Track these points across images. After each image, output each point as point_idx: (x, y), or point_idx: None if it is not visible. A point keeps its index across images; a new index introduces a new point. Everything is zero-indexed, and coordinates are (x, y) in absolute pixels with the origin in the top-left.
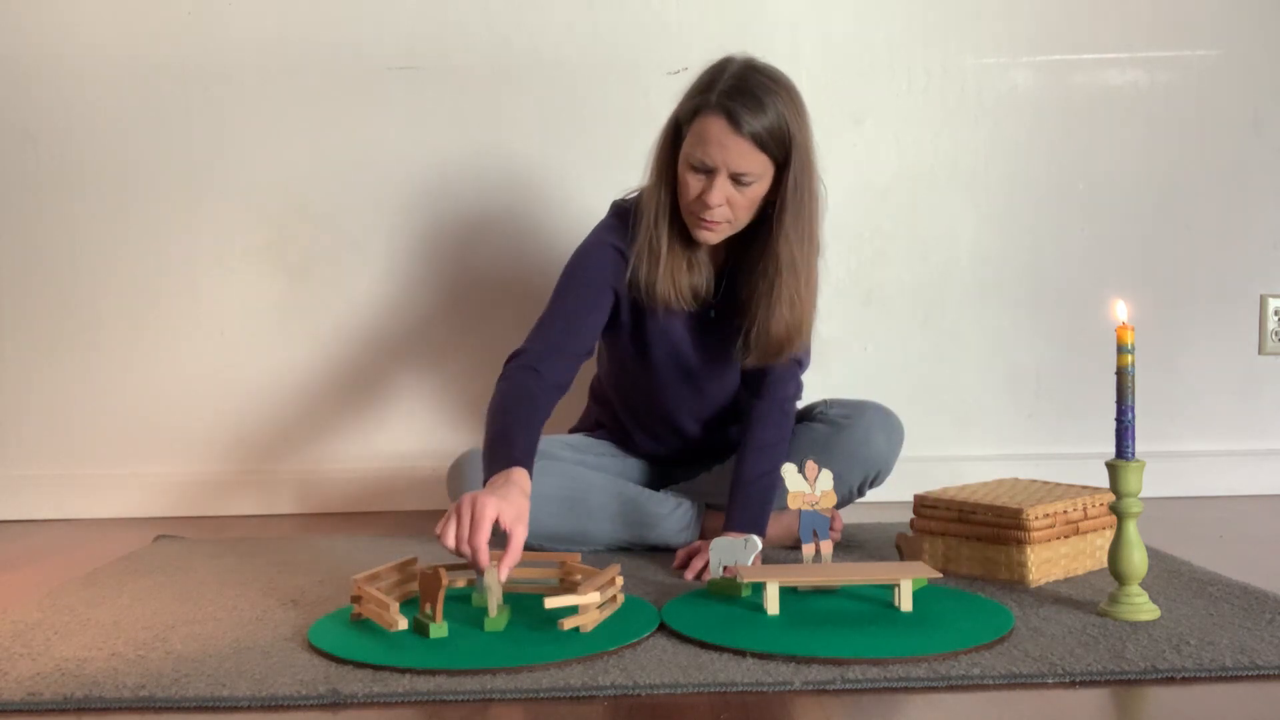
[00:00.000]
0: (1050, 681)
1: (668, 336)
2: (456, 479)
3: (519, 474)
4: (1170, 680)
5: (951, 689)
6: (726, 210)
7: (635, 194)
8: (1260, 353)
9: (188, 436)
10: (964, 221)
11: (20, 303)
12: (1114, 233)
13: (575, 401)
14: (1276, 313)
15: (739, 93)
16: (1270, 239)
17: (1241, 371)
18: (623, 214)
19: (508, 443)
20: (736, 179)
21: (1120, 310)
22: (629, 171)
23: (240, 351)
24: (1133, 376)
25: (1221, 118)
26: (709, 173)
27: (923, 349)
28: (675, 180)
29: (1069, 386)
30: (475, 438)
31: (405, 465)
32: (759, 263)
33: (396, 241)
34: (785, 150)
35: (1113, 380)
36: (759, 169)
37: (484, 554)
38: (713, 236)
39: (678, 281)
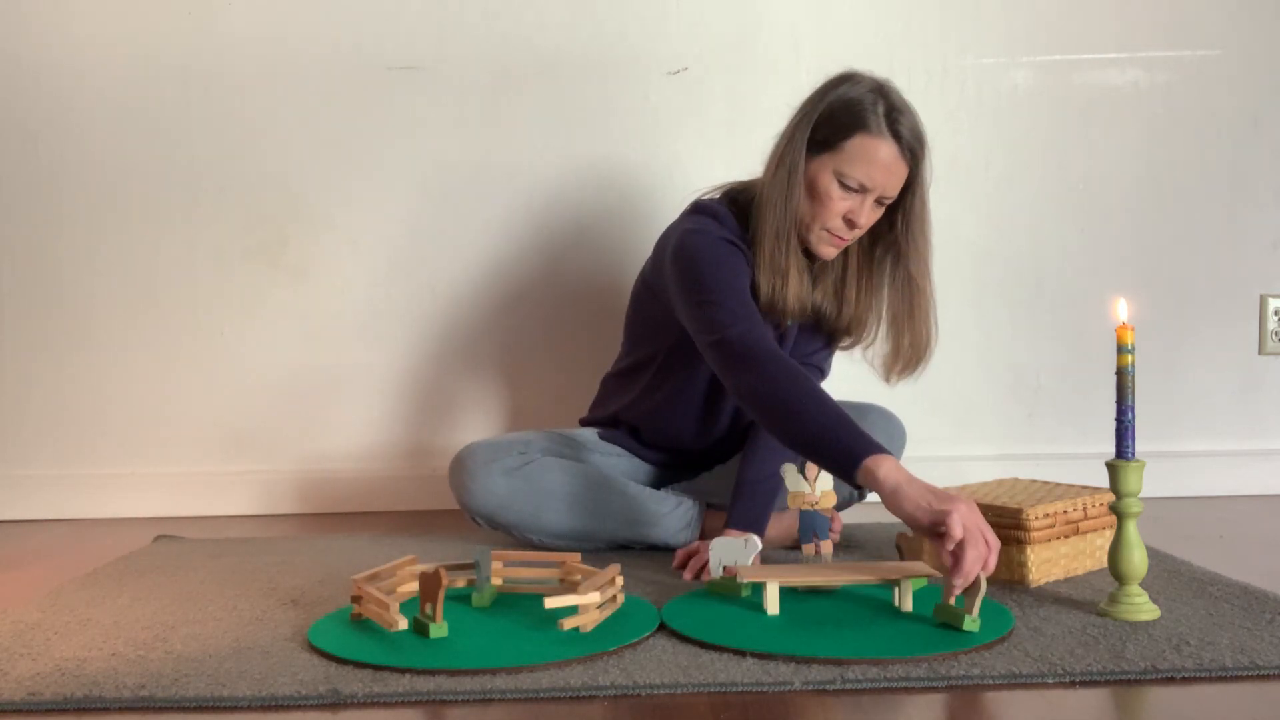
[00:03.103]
0: (1050, 681)
1: None
2: (457, 476)
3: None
4: (1170, 680)
5: (951, 689)
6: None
7: (712, 195)
8: (1260, 353)
9: (188, 436)
10: (964, 221)
11: (20, 302)
12: (1114, 233)
13: (584, 394)
14: (1276, 313)
15: (903, 115)
16: (1270, 239)
17: (1241, 371)
18: (720, 215)
19: (853, 428)
20: (879, 199)
21: (1121, 310)
22: (630, 172)
23: (240, 351)
24: (1133, 376)
25: (1221, 118)
26: (861, 192)
27: None
28: (805, 194)
29: (1069, 386)
30: (475, 436)
31: (405, 465)
32: (888, 283)
33: (395, 241)
34: (916, 169)
35: (1113, 380)
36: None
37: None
38: (835, 252)
39: (803, 299)
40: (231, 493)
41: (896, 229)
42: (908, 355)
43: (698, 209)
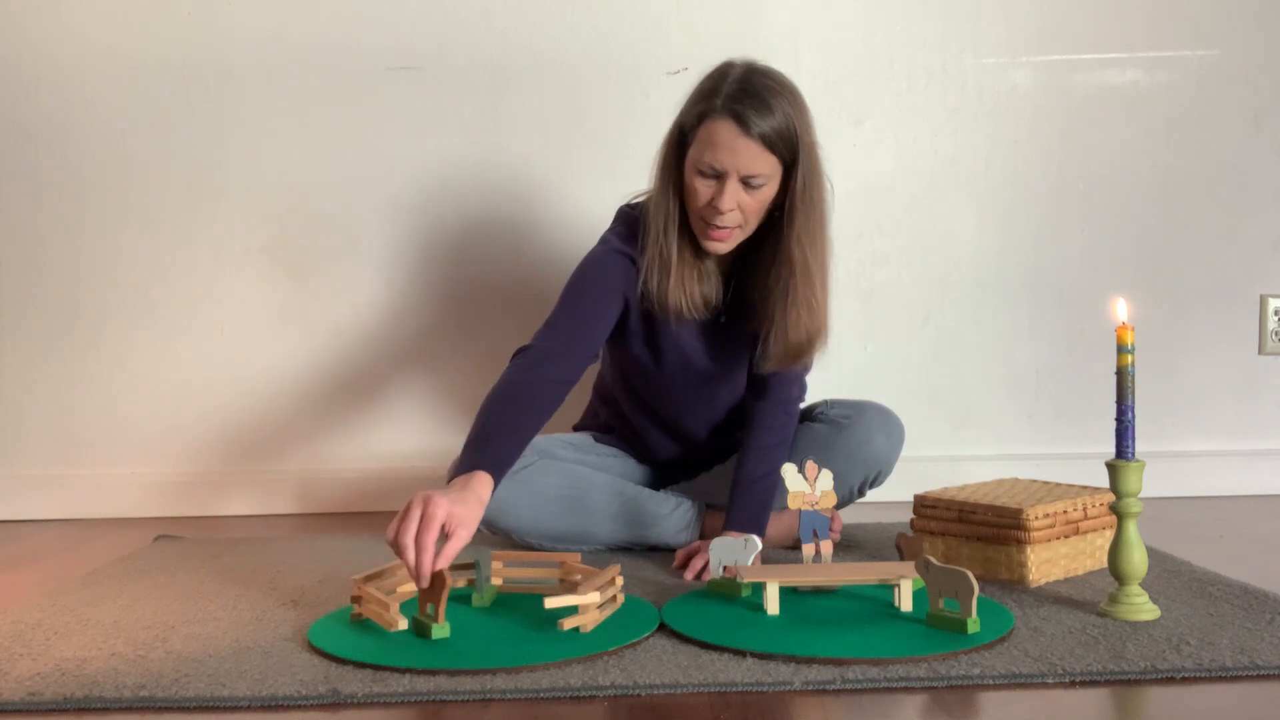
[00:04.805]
0: (1050, 681)
1: (679, 344)
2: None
3: (480, 479)
4: (1170, 680)
5: (951, 689)
6: (738, 215)
7: (641, 199)
8: (1260, 353)
9: (188, 436)
10: (964, 221)
11: (20, 303)
12: (1114, 233)
13: (578, 398)
14: (1276, 313)
15: (745, 95)
16: (1270, 239)
17: (1241, 371)
18: (630, 221)
19: (484, 445)
20: (746, 182)
21: (1120, 310)
22: (629, 172)
23: (240, 351)
24: (1133, 376)
25: (1221, 118)
26: (719, 177)
27: (923, 349)
28: (682, 188)
29: (1069, 386)
30: None
31: (405, 465)
32: (770, 266)
33: (396, 242)
34: (793, 151)
35: (1113, 380)
36: (769, 170)
37: (429, 555)
38: (723, 246)
39: (689, 291)
40: (231, 493)
41: (780, 213)
42: (782, 344)
43: (619, 219)
